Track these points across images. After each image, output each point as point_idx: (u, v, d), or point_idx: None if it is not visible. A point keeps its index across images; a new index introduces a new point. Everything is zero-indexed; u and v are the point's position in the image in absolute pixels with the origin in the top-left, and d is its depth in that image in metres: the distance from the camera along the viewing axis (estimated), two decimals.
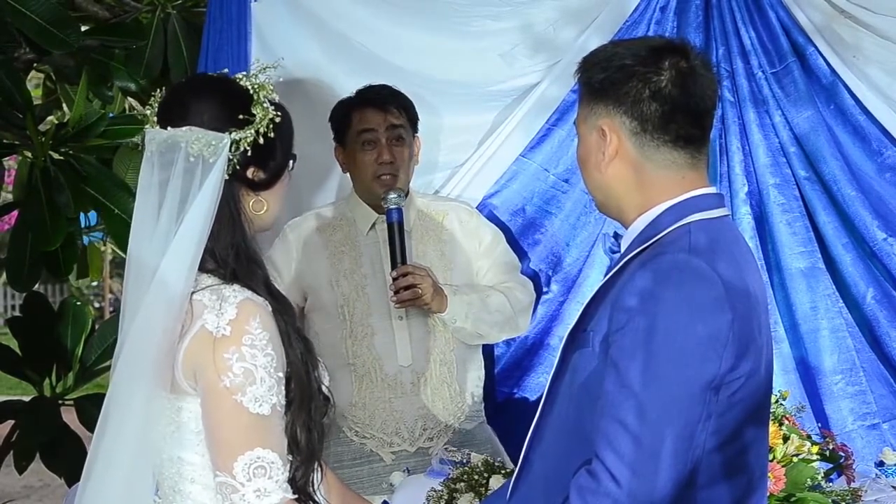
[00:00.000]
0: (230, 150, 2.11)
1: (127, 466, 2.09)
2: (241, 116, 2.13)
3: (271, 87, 2.19)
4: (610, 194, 2.14)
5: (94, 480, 2.10)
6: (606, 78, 2.09)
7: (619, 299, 2.01)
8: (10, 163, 4.97)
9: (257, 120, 2.14)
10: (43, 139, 4.07)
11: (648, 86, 2.06)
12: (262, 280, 2.15)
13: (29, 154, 4.21)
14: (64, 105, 5.10)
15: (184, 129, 2.11)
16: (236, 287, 2.09)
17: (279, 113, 2.17)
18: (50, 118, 5.17)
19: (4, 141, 4.28)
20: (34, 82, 6.36)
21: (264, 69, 2.20)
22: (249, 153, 2.13)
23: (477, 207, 3.77)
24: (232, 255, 2.13)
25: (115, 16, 4.48)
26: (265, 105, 2.15)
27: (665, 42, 2.19)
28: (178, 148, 2.10)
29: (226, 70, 2.31)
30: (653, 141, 2.08)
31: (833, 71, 3.80)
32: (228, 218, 2.14)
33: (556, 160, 3.89)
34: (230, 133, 2.12)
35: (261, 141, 2.13)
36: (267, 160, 2.18)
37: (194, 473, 2.12)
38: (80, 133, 4.12)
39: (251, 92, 2.16)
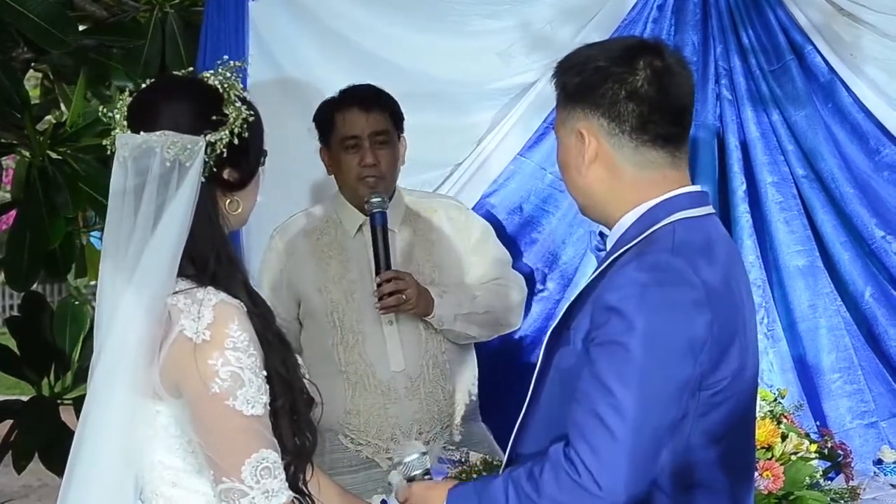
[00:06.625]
0: (206, 153, 2.07)
1: (108, 473, 2.06)
2: (214, 118, 2.09)
3: (240, 85, 2.14)
4: (592, 197, 2.14)
5: (74, 490, 2.07)
6: (582, 81, 2.09)
7: (600, 297, 2.01)
8: (8, 162, 4.96)
9: (230, 120, 2.09)
10: (41, 139, 4.07)
11: (624, 86, 2.05)
12: (241, 281, 2.11)
13: (27, 153, 4.21)
14: (62, 104, 5.10)
15: (157, 133, 2.06)
16: (210, 289, 2.05)
17: (251, 112, 2.12)
18: (48, 118, 5.17)
19: (2, 140, 4.28)
20: (32, 82, 6.34)
21: (232, 68, 2.14)
22: (224, 154, 2.09)
23: (475, 206, 3.76)
24: (213, 258, 2.09)
25: (113, 15, 4.48)
26: (237, 104, 2.10)
27: (639, 42, 2.20)
28: (153, 153, 2.05)
29: (191, 69, 2.26)
30: (631, 142, 2.08)
31: (831, 69, 3.80)
32: (206, 221, 2.09)
33: (554, 159, 3.87)
34: (205, 135, 2.07)
35: (235, 141, 2.09)
36: (241, 160, 2.13)
37: (175, 477, 2.09)
38: (78, 132, 4.12)
39: (221, 91, 2.11)
